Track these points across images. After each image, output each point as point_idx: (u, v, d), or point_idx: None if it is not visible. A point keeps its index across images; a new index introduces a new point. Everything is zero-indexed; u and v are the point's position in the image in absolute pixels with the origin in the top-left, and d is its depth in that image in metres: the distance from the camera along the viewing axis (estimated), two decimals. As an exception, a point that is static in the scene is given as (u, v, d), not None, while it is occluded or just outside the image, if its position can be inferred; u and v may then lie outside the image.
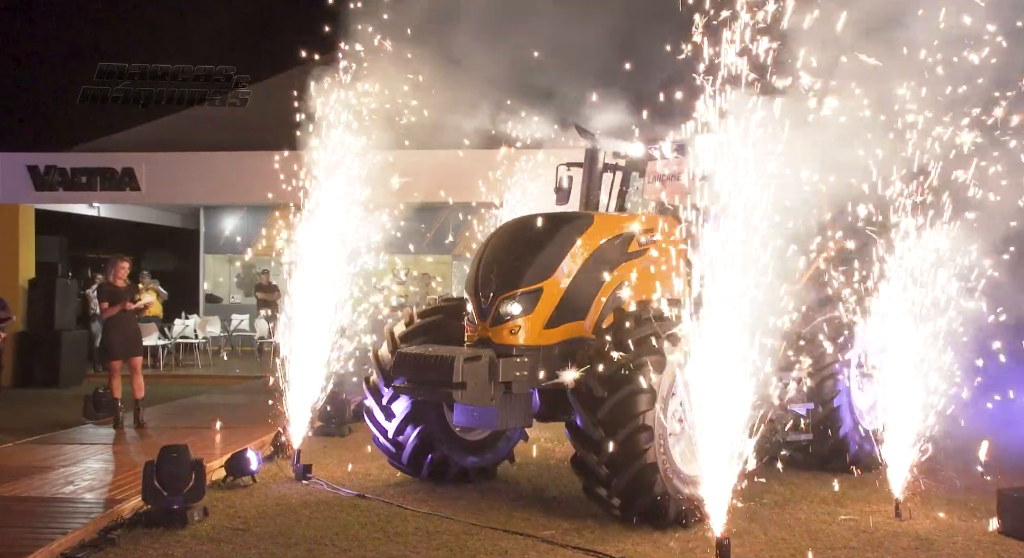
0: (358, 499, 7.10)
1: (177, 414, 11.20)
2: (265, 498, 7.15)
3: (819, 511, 6.73)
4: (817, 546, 5.85)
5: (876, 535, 6.10)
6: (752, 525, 6.22)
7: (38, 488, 7.08)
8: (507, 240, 7.24)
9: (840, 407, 7.75)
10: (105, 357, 10.55)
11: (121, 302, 9.93)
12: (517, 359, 6.59)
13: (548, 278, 6.78)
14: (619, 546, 5.80)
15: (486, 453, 7.82)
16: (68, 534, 5.81)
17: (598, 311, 6.92)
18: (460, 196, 14.45)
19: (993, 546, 5.89)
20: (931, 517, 6.55)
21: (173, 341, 17.69)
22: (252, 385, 14.11)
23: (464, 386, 6.33)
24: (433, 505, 6.89)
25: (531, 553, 5.73)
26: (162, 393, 12.70)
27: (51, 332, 15.14)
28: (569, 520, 6.41)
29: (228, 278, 22.49)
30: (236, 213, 21.42)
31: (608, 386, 6.00)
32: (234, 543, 5.91)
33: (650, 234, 7.36)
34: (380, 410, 7.40)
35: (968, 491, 7.30)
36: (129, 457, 8.47)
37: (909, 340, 6.46)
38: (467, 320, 7.02)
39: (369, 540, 6.00)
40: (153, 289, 17.30)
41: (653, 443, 5.94)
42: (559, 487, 7.49)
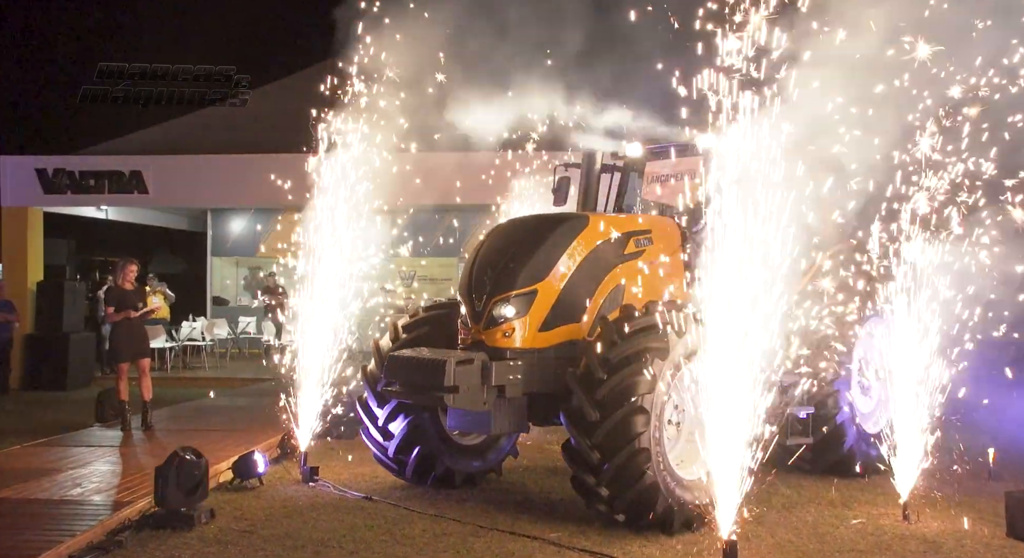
0: (365, 501, 7.11)
1: (185, 416, 11.24)
2: (272, 500, 7.16)
3: (826, 514, 6.71)
4: (825, 549, 5.84)
5: (884, 538, 6.08)
6: (759, 528, 6.20)
7: (46, 490, 7.10)
8: (501, 241, 7.13)
9: (844, 422, 7.69)
10: (113, 359, 10.59)
11: (127, 307, 9.96)
12: (511, 362, 6.48)
13: (543, 280, 6.67)
14: (625, 549, 5.79)
15: (488, 454, 7.78)
16: (76, 536, 5.83)
17: (594, 314, 6.80)
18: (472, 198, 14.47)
19: (1001, 549, 5.87)
20: (939, 520, 6.53)
21: (180, 344, 17.74)
22: (259, 387, 14.15)
23: (456, 390, 6.23)
24: (440, 507, 6.90)
25: (538, 555, 5.73)
26: (170, 395, 12.73)
27: (59, 334, 15.20)
28: (575, 522, 6.40)
29: (235, 280, 22.54)
30: (243, 216, 21.47)
31: (600, 409, 5.89)
32: (241, 545, 5.92)
33: (647, 236, 7.28)
34: (377, 431, 7.33)
35: (975, 494, 7.28)
36: (137, 459, 8.50)
37: (914, 346, 6.45)
38: (460, 323, 6.94)
39: (376, 542, 6.01)
40: (160, 292, 17.37)
41: (652, 462, 5.87)
42: (565, 489, 7.47)
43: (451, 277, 20.60)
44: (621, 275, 7.02)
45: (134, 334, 10.11)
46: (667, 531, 6.02)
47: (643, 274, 7.12)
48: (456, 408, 6.58)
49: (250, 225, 21.58)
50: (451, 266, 20.71)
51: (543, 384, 6.60)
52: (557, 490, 7.50)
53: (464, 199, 14.49)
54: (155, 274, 19.98)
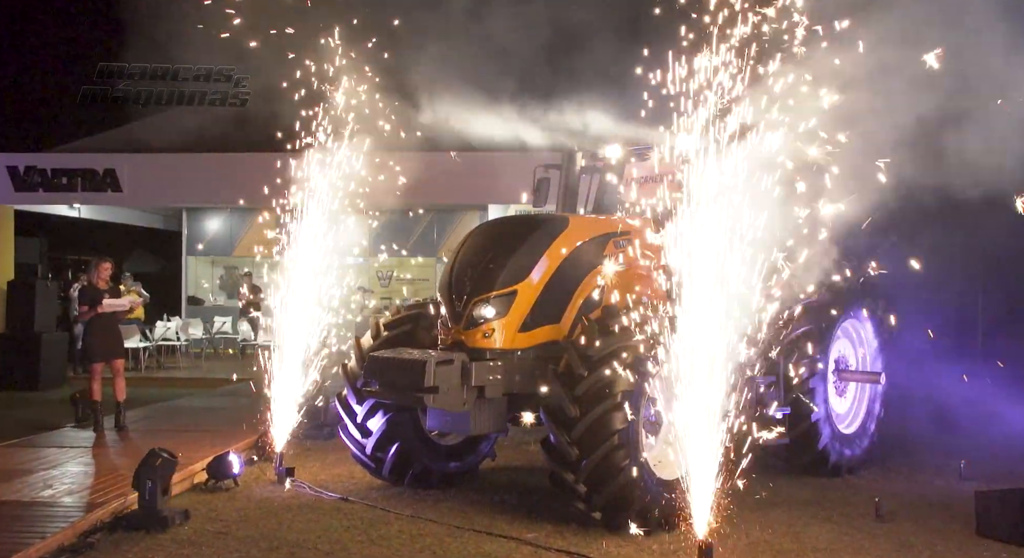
0: (341, 502, 7.07)
1: (159, 417, 11.11)
2: (247, 501, 7.11)
3: (800, 513, 6.77)
4: (799, 548, 5.89)
5: (857, 537, 6.15)
6: (734, 527, 6.24)
7: (16, 492, 7.00)
8: (481, 242, 7.15)
9: (819, 421, 7.74)
10: (86, 359, 10.46)
11: (98, 303, 9.82)
12: (491, 363, 6.51)
13: (522, 280, 6.70)
14: (602, 549, 5.81)
15: (467, 456, 7.78)
16: (46, 538, 5.75)
17: (574, 314, 6.84)
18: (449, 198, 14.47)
19: (971, 547, 5.96)
20: (911, 518, 6.60)
21: (155, 343, 17.56)
22: (234, 388, 14.03)
23: (436, 390, 6.24)
24: (417, 508, 6.88)
25: (515, 556, 5.74)
26: (144, 396, 12.59)
27: (31, 334, 14.98)
28: (552, 523, 6.41)
29: (211, 280, 22.36)
30: (219, 215, 21.30)
31: (580, 405, 5.92)
32: (215, 547, 5.87)
33: (626, 237, 7.32)
34: (355, 428, 7.30)
35: (947, 493, 7.38)
36: (110, 461, 8.40)
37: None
38: (441, 323, 6.94)
39: (352, 543, 5.98)
40: (135, 291, 17.19)
41: (630, 459, 5.89)
42: (542, 490, 7.48)
43: (429, 277, 20.58)
44: (601, 276, 7.05)
45: (108, 334, 9.98)
46: (644, 530, 6.04)
47: (623, 275, 7.15)
48: (436, 408, 6.58)
49: (226, 224, 21.41)
50: (429, 266, 20.68)
51: (523, 385, 6.61)
52: (534, 490, 7.50)
53: (442, 199, 14.50)
54: (130, 273, 19.78)
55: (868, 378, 8.44)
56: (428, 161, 13.61)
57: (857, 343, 8.63)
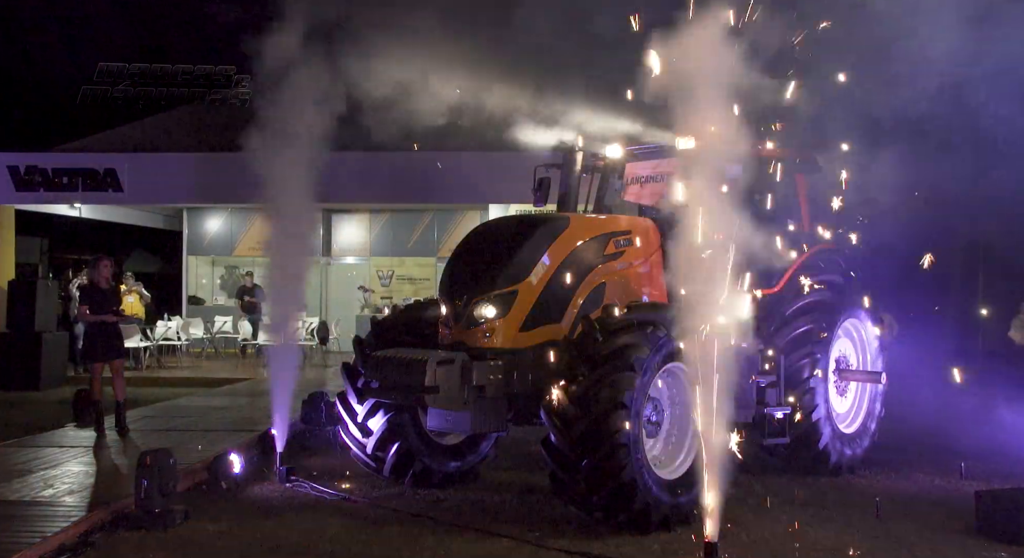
0: (341, 501, 7.08)
1: (159, 417, 11.12)
2: (248, 501, 7.11)
3: (800, 512, 6.76)
4: (799, 548, 5.89)
5: (857, 537, 6.14)
6: (734, 527, 6.24)
7: (17, 491, 7.01)
8: (482, 242, 7.15)
9: (819, 420, 7.73)
10: (87, 359, 10.45)
11: (102, 307, 9.82)
12: (491, 362, 6.48)
13: (523, 280, 6.68)
14: (603, 548, 5.80)
15: (467, 455, 7.77)
16: (47, 538, 5.75)
17: (575, 314, 6.80)
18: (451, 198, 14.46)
19: (971, 547, 5.95)
20: (911, 518, 6.60)
21: (155, 343, 17.56)
22: (235, 387, 14.04)
23: (436, 389, 6.23)
24: (417, 507, 6.88)
25: (515, 555, 5.74)
26: (144, 395, 12.60)
27: (31, 334, 14.99)
28: (553, 522, 6.41)
29: (211, 280, 22.35)
30: (220, 214, 21.29)
31: (581, 405, 5.90)
32: (216, 547, 5.88)
33: (627, 236, 7.31)
34: (356, 427, 7.29)
35: (947, 492, 7.38)
36: (110, 460, 8.41)
37: None
38: (441, 323, 6.93)
39: (353, 543, 5.98)
40: (136, 291, 17.19)
41: (630, 459, 5.88)
42: (542, 489, 7.48)
43: (430, 277, 20.58)
44: (602, 276, 7.04)
45: (108, 334, 9.98)
46: (644, 530, 6.04)
47: (624, 275, 7.15)
48: (436, 408, 6.57)
49: (226, 224, 21.41)
50: (429, 266, 20.68)
51: (523, 384, 6.61)
52: (534, 489, 7.50)
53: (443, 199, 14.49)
54: (131, 273, 19.77)
55: (869, 378, 8.44)
56: (428, 161, 13.64)
57: (858, 343, 8.63)
